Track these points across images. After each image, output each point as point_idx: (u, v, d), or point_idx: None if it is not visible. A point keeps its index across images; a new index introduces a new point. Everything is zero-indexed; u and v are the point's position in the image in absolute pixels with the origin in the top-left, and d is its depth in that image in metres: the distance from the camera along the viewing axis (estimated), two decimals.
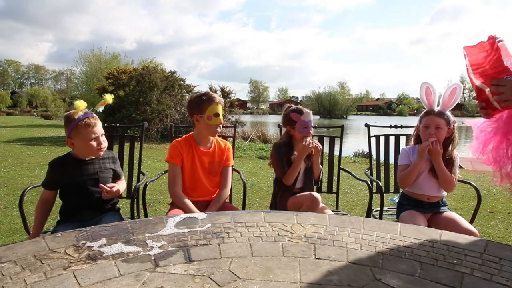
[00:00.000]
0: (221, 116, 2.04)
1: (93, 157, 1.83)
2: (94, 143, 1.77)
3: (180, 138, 2.13)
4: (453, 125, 2.02)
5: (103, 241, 0.73)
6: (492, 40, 1.23)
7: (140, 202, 2.20)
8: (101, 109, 1.99)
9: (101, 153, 1.83)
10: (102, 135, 1.82)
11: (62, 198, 1.84)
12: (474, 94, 1.33)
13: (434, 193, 1.98)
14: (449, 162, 2.00)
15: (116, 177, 1.94)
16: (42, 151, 8.36)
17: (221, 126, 2.06)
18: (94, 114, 1.83)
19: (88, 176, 1.81)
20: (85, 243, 0.72)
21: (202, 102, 2.03)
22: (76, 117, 1.78)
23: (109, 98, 1.95)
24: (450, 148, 2.02)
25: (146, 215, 2.24)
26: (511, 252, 0.70)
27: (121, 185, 1.93)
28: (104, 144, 1.82)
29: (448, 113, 2.03)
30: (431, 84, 2.02)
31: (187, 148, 2.07)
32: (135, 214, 2.12)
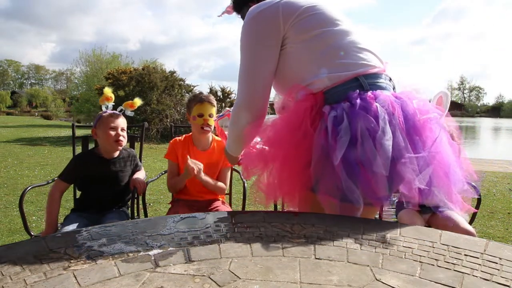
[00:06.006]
0: (206, 116, 1.99)
1: (113, 153, 1.92)
2: (112, 133, 1.87)
3: (180, 137, 2.14)
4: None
5: (103, 241, 0.73)
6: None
7: (140, 202, 2.20)
8: (129, 112, 2.05)
9: (119, 148, 1.92)
10: (122, 129, 1.91)
11: (81, 189, 1.96)
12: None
13: None
14: None
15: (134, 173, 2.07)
16: (42, 151, 8.36)
17: (208, 127, 2.01)
18: (121, 113, 1.98)
19: (109, 174, 1.91)
20: (85, 243, 0.72)
21: (190, 101, 2.06)
22: (102, 104, 1.97)
23: (137, 102, 2.06)
24: None
25: (146, 215, 2.24)
26: (511, 252, 0.70)
27: (140, 174, 2.05)
28: (122, 139, 1.90)
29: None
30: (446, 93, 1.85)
31: (182, 148, 2.08)
32: (135, 214, 2.12)
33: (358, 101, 0.98)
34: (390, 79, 1.13)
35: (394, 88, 1.14)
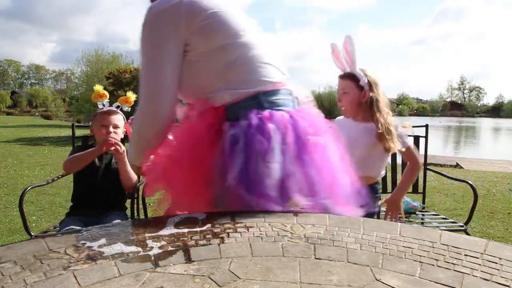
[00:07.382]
0: None
1: (106, 148, 1.88)
2: (103, 130, 1.88)
3: None
4: (367, 85, 1.71)
5: (103, 241, 0.73)
6: None
7: (140, 202, 2.20)
8: (126, 108, 2.06)
9: (109, 143, 1.88)
10: (116, 127, 1.91)
11: (77, 185, 1.94)
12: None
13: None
14: (382, 136, 1.66)
15: None
16: (42, 151, 8.36)
17: None
18: (117, 109, 1.98)
19: (106, 164, 1.92)
20: (85, 243, 0.72)
21: None
22: (96, 102, 2.00)
23: (131, 96, 2.04)
24: (377, 116, 1.69)
25: (146, 215, 2.24)
26: (511, 252, 0.70)
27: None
28: (114, 135, 1.88)
29: (358, 71, 1.72)
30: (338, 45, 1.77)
31: None
32: (135, 214, 2.12)
33: (255, 121, 0.99)
34: (291, 93, 1.12)
35: (296, 102, 1.13)
